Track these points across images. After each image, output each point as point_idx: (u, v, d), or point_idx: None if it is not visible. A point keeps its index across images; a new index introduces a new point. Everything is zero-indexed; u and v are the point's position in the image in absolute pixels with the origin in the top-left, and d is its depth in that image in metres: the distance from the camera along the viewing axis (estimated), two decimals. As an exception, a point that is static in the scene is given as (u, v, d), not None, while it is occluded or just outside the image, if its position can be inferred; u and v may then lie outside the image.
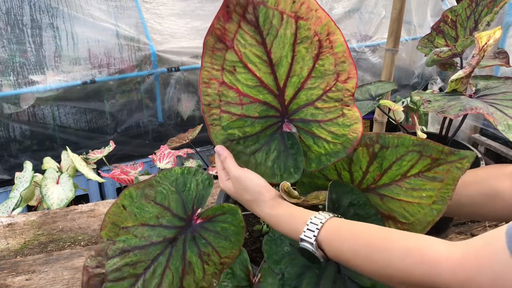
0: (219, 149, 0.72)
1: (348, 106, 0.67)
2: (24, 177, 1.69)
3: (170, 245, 0.69)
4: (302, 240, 0.59)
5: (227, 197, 0.89)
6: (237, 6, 0.66)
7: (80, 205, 1.25)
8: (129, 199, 0.72)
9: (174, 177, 0.74)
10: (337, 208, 0.69)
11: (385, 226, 0.71)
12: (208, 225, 0.71)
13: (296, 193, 0.66)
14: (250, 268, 0.69)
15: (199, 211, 0.72)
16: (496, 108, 0.75)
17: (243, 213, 0.82)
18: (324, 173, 0.74)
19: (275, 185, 0.69)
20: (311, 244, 0.58)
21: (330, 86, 0.67)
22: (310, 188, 0.77)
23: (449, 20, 1.05)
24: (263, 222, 0.85)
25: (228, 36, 0.67)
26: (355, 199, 0.70)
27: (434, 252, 0.49)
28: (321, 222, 0.59)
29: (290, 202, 0.66)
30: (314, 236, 0.58)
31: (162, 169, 0.76)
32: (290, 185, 0.67)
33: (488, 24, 0.92)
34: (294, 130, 0.70)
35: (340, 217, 0.62)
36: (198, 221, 0.71)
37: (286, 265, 0.67)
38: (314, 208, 0.79)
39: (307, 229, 0.59)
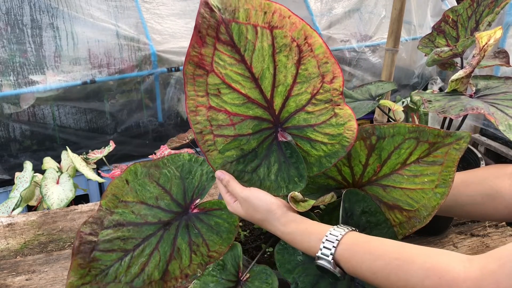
0: (220, 174, 0.71)
1: (339, 105, 0.67)
2: (24, 177, 1.69)
3: (163, 228, 0.70)
4: (319, 258, 0.59)
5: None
6: (209, 29, 0.65)
7: (80, 205, 1.25)
8: (133, 175, 0.73)
9: (181, 162, 0.75)
10: (350, 217, 0.70)
11: (393, 230, 0.71)
12: (203, 216, 0.71)
13: (300, 196, 0.66)
14: (241, 265, 0.70)
15: (197, 201, 0.72)
16: (496, 108, 0.75)
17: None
18: (325, 171, 0.74)
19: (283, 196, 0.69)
20: (329, 262, 0.58)
21: (317, 88, 0.67)
22: (313, 188, 0.77)
23: (450, 20, 1.05)
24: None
25: (206, 60, 0.67)
26: (366, 207, 0.71)
27: (452, 272, 0.49)
28: (336, 240, 0.58)
29: (299, 211, 0.66)
30: (331, 254, 0.58)
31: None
32: (298, 193, 0.66)
33: (489, 24, 0.92)
34: (289, 138, 0.69)
35: (355, 229, 0.62)
36: (195, 210, 0.72)
37: (300, 274, 0.67)
38: (317, 207, 0.79)
39: (324, 246, 0.59)
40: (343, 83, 0.66)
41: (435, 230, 1.05)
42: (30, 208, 1.87)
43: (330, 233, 0.59)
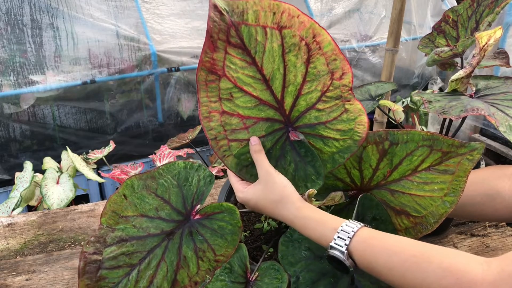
0: (255, 139, 0.70)
1: (349, 101, 0.68)
2: (24, 177, 1.69)
3: (167, 238, 0.70)
4: (332, 247, 0.59)
5: (227, 198, 0.89)
6: (220, 33, 0.65)
7: (80, 205, 1.25)
8: (130, 189, 0.72)
9: (176, 171, 0.74)
10: (361, 221, 0.70)
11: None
12: (205, 221, 0.71)
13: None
14: (248, 265, 0.69)
15: (198, 207, 0.72)
16: (497, 108, 0.75)
17: (244, 210, 0.82)
18: (334, 173, 0.75)
19: None
20: (342, 252, 0.58)
21: (327, 86, 0.67)
22: (320, 189, 0.77)
23: (450, 20, 1.05)
24: (264, 220, 0.85)
25: (217, 65, 0.67)
26: (377, 214, 0.71)
27: (470, 274, 0.49)
28: (352, 231, 0.58)
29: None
30: (345, 244, 0.58)
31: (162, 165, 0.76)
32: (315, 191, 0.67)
33: (489, 25, 0.92)
34: (301, 137, 0.70)
35: (369, 227, 0.62)
36: (197, 216, 0.72)
37: (302, 269, 0.67)
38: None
39: (338, 237, 0.59)
40: (352, 79, 0.67)
41: (435, 230, 1.05)
42: (30, 208, 1.87)
43: (346, 225, 0.59)
